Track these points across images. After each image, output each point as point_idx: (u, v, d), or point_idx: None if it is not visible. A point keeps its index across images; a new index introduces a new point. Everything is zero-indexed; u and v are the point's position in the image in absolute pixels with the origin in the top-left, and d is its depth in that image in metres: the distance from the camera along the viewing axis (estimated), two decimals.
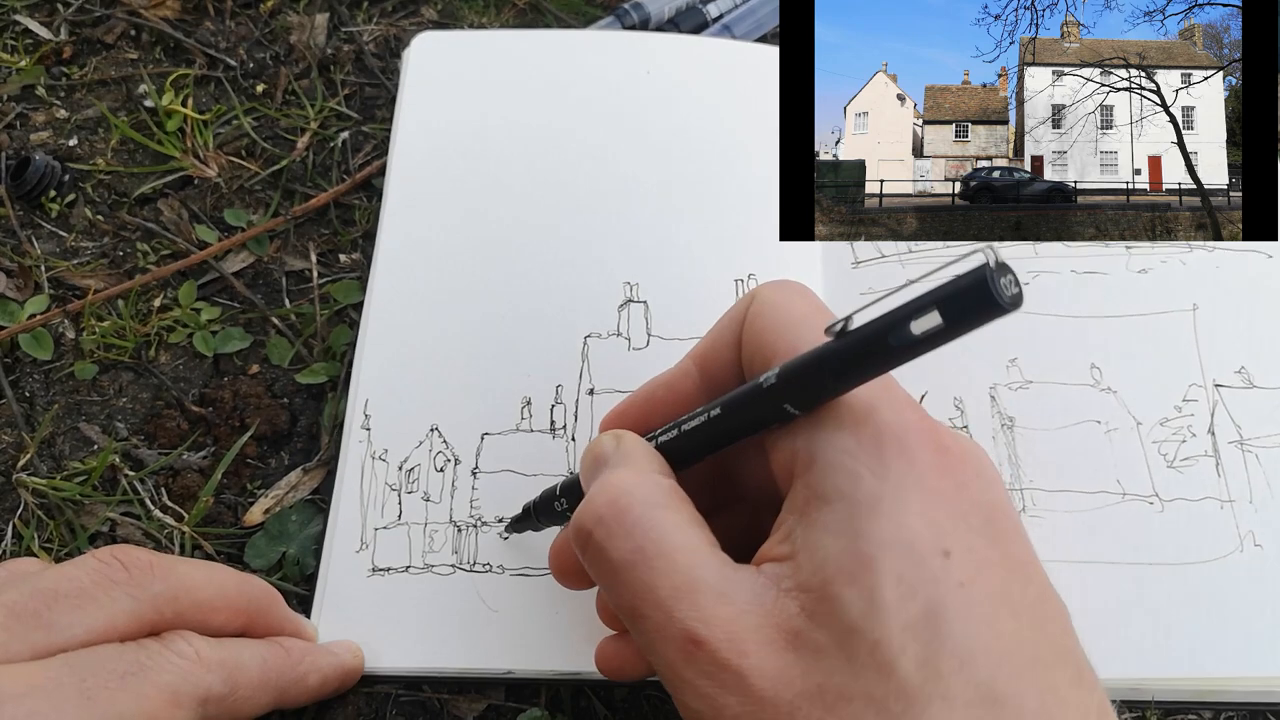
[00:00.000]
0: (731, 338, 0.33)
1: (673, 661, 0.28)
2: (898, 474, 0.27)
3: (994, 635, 0.26)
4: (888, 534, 0.26)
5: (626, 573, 0.29)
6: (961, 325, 0.24)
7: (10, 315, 0.48)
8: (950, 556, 0.26)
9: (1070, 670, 0.27)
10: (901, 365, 0.26)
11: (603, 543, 0.29)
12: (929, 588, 0.26)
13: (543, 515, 0.38)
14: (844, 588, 0.26)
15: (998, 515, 0.28)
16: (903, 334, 0.25)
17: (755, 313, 0.32)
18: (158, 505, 0.44)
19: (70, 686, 0.30)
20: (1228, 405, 0.43)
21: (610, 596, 0.30)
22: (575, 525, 0.30)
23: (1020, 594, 0.27)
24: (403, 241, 0.48)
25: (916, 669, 0.25)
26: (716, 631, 0.27)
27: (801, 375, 0.28)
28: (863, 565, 0.26)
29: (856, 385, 0.28)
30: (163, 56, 0.57)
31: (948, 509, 0.27)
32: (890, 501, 0.27)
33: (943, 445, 0.28)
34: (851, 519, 0.27)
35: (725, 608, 0.27)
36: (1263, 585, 0.39)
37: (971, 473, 0.29)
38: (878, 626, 0.25)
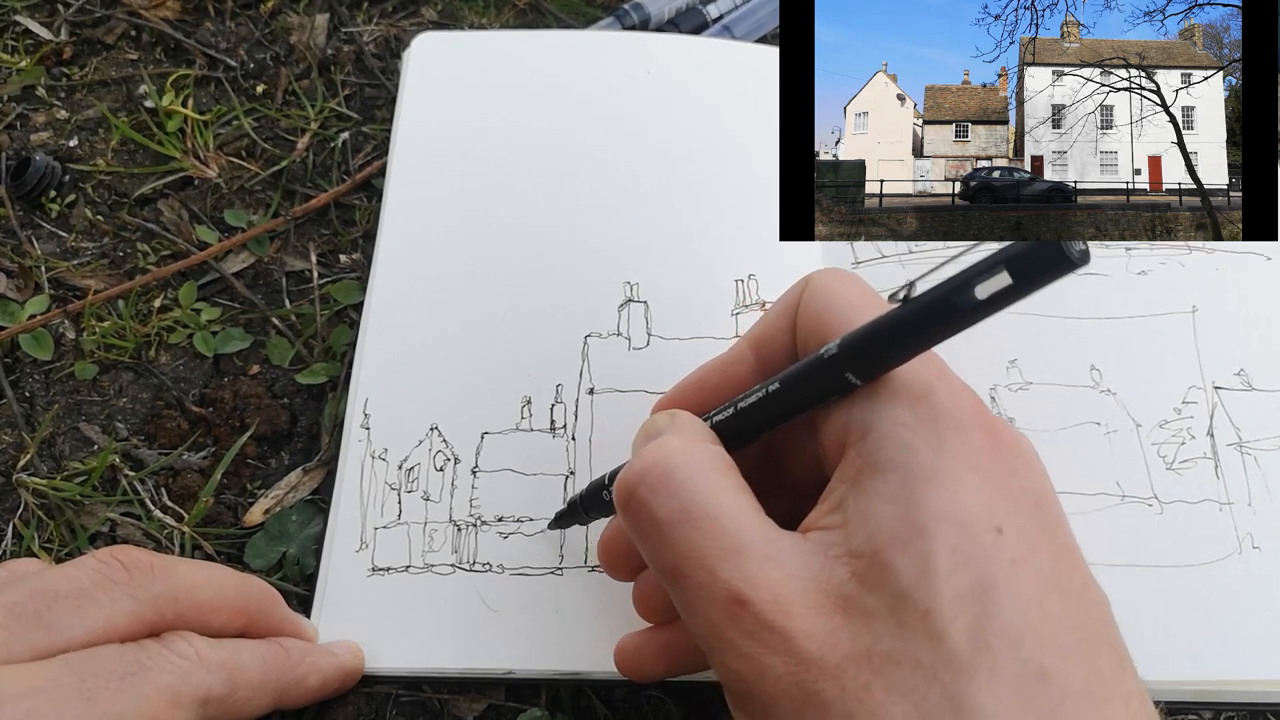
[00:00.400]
0: (786, 322, 0.33)
1: (715, 622, 0.27)
2: (953, 451, 0.27)
3: (1042, 614, 0.26)
4: (943, 506, 0.27)
5: (671, 531, 0.29)
6: (1032, 283, 0.24)
7: (10, 315, 0.48)
8: (1003, 534, 0.27)
9: (1114, 655, 0.27)
10: (965, 329, 0.26)
11: (646, 500, 0.29)
12: (981, 562, 0.26)
13: (590, 507, 0.38)
14: (898, 554, 0.26)
15: (1045, 502, 0.29)
16: (968, 296, 0.25)
17: (810, 296, 0.32)
18: (158, 505, 0.44)
19: (70, 687, 0.30)
20: (1227, 408, 0.43)
21: (652, 556, 0.30)
22: (620, 483, 0.30)
23: (1068, 578, 0.27)
24: (403, 242, 0.48)
25: (966, 640, 0.25)
26: (762, 592, 0.27)
27: (865, 342, 0.28)
28: (917, 533, 0.26)
29: (920, 351, 0.28)
30: (163, 57, 0.57)
31: (1001, 491, 0.28)
32: (945, 476, 0.27)
33: (995, 430, 0.29)
34: (906, 488, 0.27)
35: (772, 570, 0.27)
36: (1261, 588, 0.39)
37: (1022, 460, 0.29)
38: (930, 594, 0.26)
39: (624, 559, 0.35)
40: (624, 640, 0.35)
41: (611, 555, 0.36)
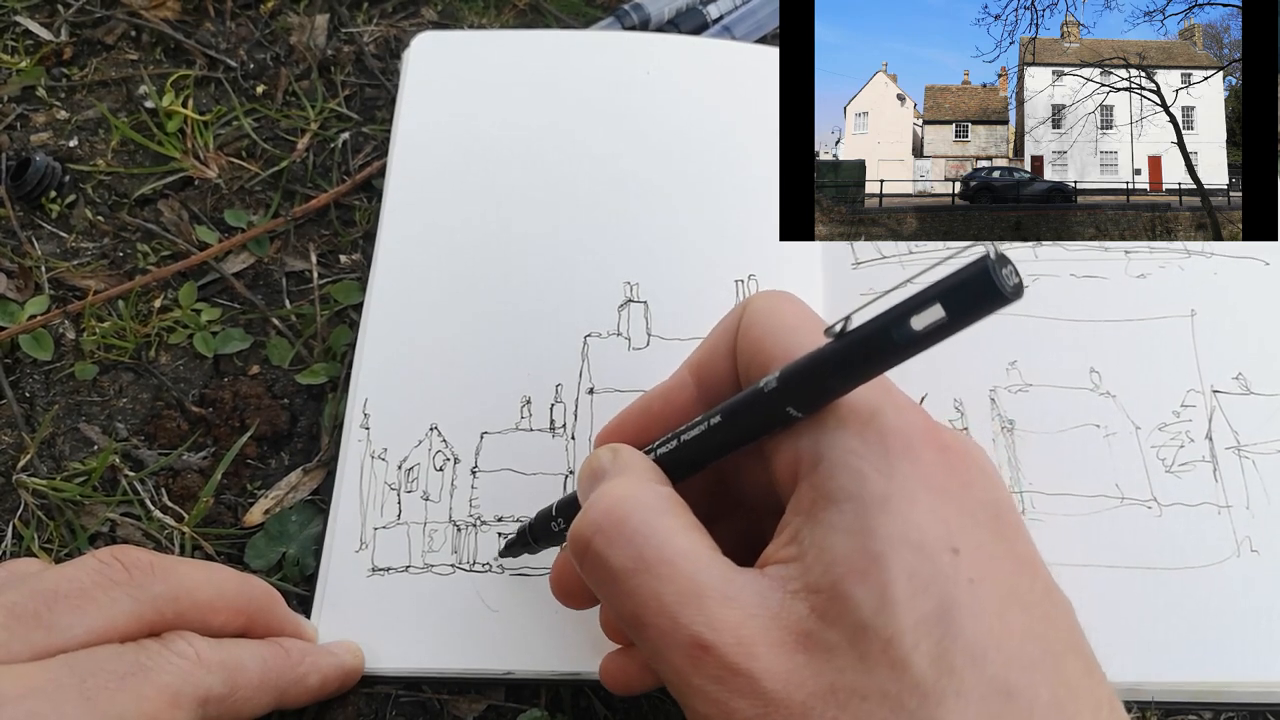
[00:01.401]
0: (726, 347, 0.33)
1: (680, 668, 0.27)
2: (904, 473, 0.27)
3: (1005, 630, 0.26)
4: (897, 532, 0.26)
5: (628, 581, 0.28)
6: (965, 317, 0.24)
7: (10, 316, 0.48)
8: (959, 554, 0.26)
9: (1080, 662, 0.27)
10: (904, 361, 0.26)
11: (602, 551, 0.29)
12: (940, 585, 0.26)
13: (539, 537, 0.38)
14: (855, 586, 0.26)
15: (1002, 512, 0.28)
16: (905, 329, 0.25)
17: (749, 321, 0.32)
18: (158, 506, 0.44)
19: (70, 687, 0.30)
20: (1225, 411, 0.43)
21: (612, 606, 0.30)
22: (574, 535, 0.30)
23: (1028, 589, 0.27)
24: (403, 242, 0.48)
25: (930, 665, 0.25)
26: (724, 635, 0.27)
27: (803, 376, 0.28)
28: (873, 563, 0.26)
29: (859, 384, 0.28)
30: (163, 57, 0.57)
31: (955, 507, 0.27)
32: (898, 500, 0.27)
33: (946, 444, 0.29)
34: (860, 517, 0.27)
35: (732, 611, 0.27)
36: (1258, 591, 0.39)
37: (976, 471, 0.29)
38: (890, 623, 0.25)
39: (578, 590, 0.35)
40: (607, 659, 0.35)
41: (563, 586, 0.35)
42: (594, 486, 0.32)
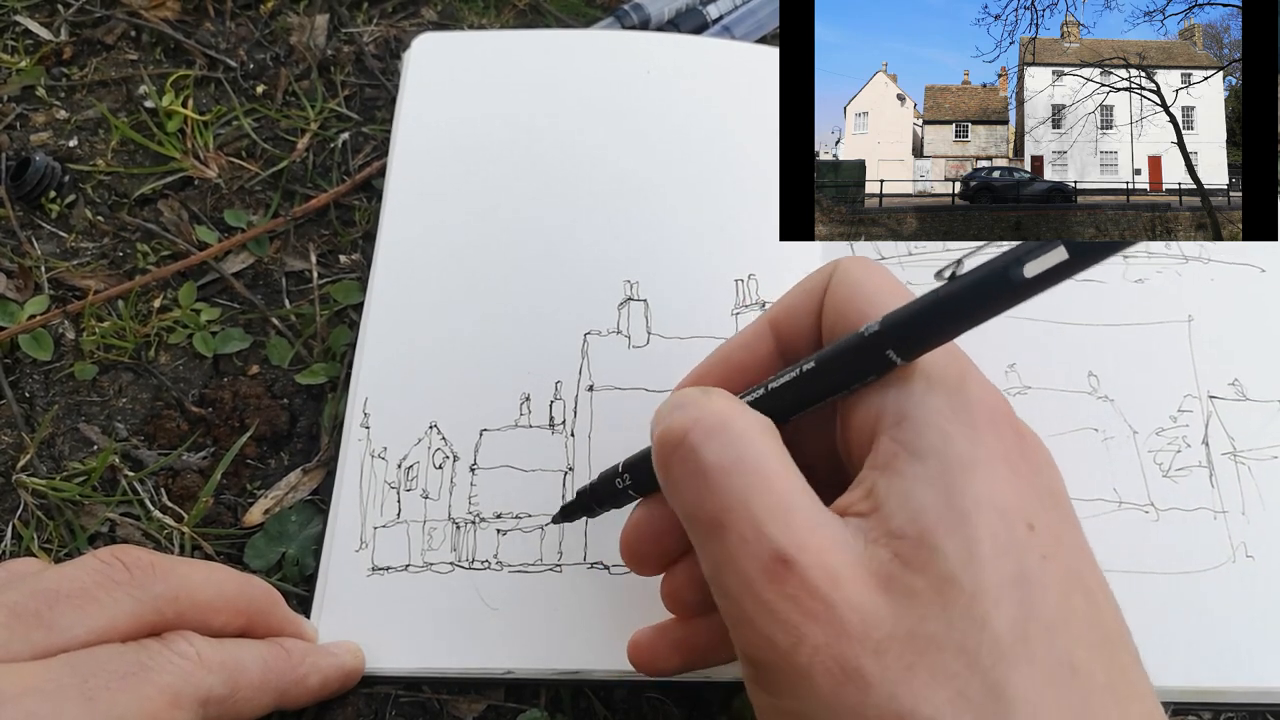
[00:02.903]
0: (812, 304, 0.33)
1: (754, 581, 0.27)
2: (988, 444, 0.28)
3: (1070, 610, 0.26)
4: (985, 494, 0.27)
5: (720, 478, 0.28)
6: (1087, 259, 0.24)
7: (10, 316, 0.48)
8: (1034, 530, 0.27)
9: (1131, 655, 0.28)
10: (1015, 306, 0.26)
11: (699, 444, 0.28)
12: (1018, 553, 0.26)
13: (603, 499, 0.36)
14: (944, 537, 0.26)
15: (1064, 503, 0.29)
16: (1018, 273, 0.25)
17: (840, 281, 0.32)
18: (157, 506, 0.43)
19: (71, 687, 0.30)
20: (1221, 417, 0.43)
21: (693, 505, 0.29)
22: (668, 429, 0.29)
23: (1090, 578, 0.28)
24: (402, 242, 0.48)
25: (1009, 627, 0.25)
26: (811, 556, 0.26)
27: (911, 319, 0.28)
28: (962, 518, 0.26)
29: (968, 328, 0.28)
30: (163, 57, 0.57)
31: (1029, 487, 0.28)
32: (983, 466, 0.27)
33: (1020, 430, 0.29)
34: (946, 475, 0.27)
35: (821, 537, 0.27)
36: (1254, 597, 0.40)
37: (1045, 460, 0.30)
38: (977, 578, 0.26)
39: (651, 548, 0.34)
40: (638, 635, 0.35)
41: (637, 545, 0.34)
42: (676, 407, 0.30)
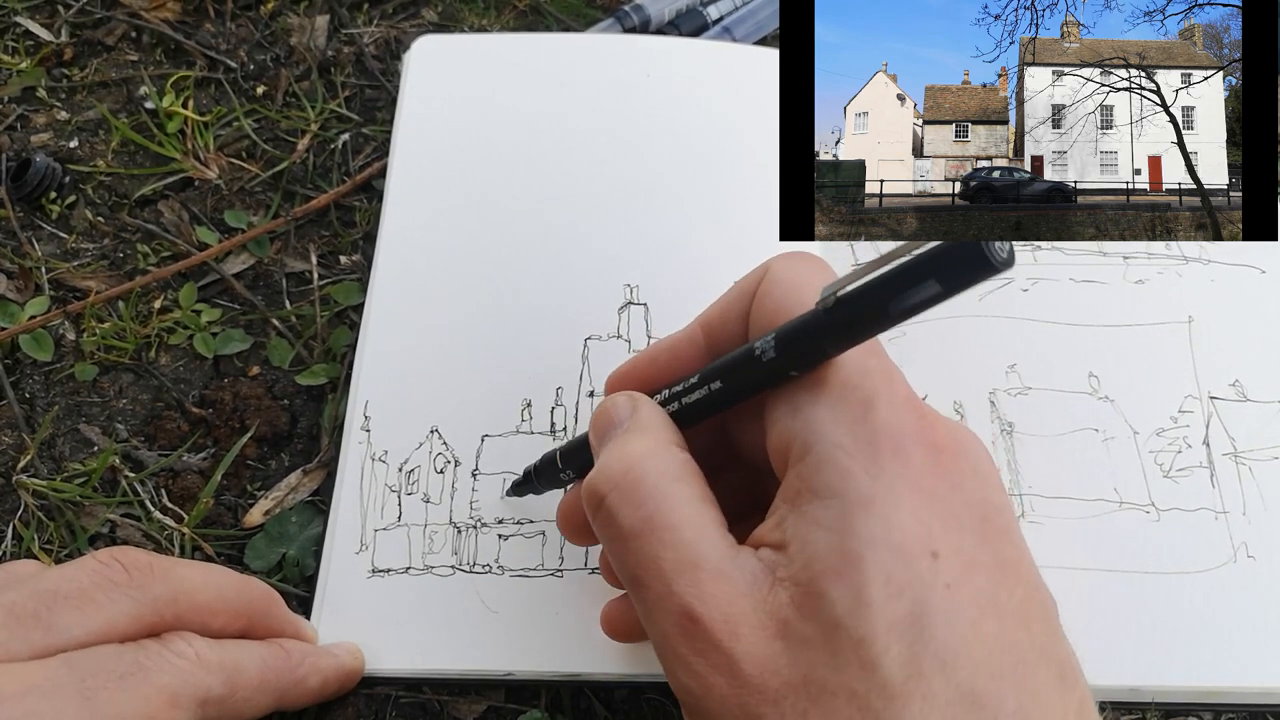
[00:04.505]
0: (741, 309, 0.33)
1: (669, 634, 0.28)
2: (891, 473, 0.27)
3: (977, 637, 0.26)
4: (878, 533, 0.27)
5: (634, 541, 0.29)
6: (956, 286, 0.24)
7: (11, 316, 0.48)
8: (938, 558, 0.27)
9: (1053, 670, 0.27)
10: (893, 328, 0.26)
11: (615, 509, 0.30)
12: (916, 589, 0.26)
13: (545, 482, 0.39)
14: (831, 584, 0.26)
15: (991, 514, 0.28)
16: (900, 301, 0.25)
17: (770, 282, 0.32)
18: (158, 507, 0.43)
19: (69, 687, 0.30)
20: (1222, 418, 0.43)
21: (615, 563, 0.30)
22: (589, 488, 0.31)
23: (1007, 596, 0.27)
24: (403, 243, 0.48)
25: (899, 668, 0.25)
26: (713, 610, 0.27)
27: (794, 338, 0.29)
28: (851, 563, 0.26)
29: (849, 348, 0.28)
30: (163, 58, 0.57)
31: (940, 510, 0.27)
32: (882, 501, 0.27)
33: (938, 444, 0.28)
34: (842, 516, 0.27)
35: (724, 587, 0.28)
36: (1255, 597, 0.39)
37: (967, 470, 0.29)
38: (863, 624, 0.26)
39: (583, 528, 0.35)
40: (608, 606, 0.36)
41: (571, 523, 0.36)
42: (610, 436, 0.32)
